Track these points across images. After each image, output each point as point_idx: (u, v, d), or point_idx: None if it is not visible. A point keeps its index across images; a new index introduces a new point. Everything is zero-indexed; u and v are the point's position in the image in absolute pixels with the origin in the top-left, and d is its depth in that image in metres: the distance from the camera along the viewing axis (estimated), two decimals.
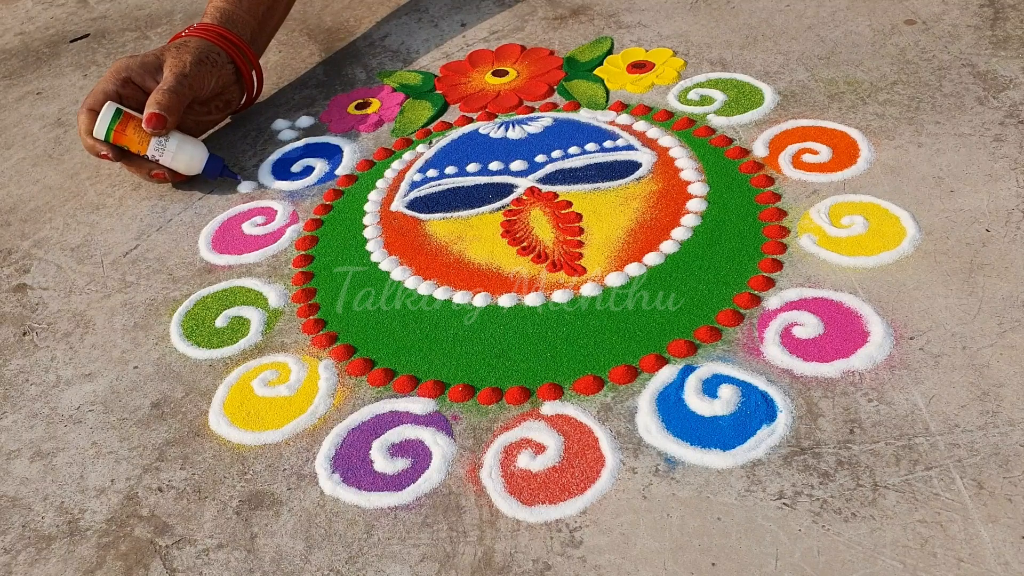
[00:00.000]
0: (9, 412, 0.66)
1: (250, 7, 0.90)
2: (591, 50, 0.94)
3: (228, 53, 0.86)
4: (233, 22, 0.88)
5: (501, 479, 0.56)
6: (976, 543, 0.48)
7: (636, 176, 0.77)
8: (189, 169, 0.82)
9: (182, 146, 0.81)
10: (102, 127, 0.80)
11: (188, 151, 0.82)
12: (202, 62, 0.83)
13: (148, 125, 0.79)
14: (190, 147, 0.82)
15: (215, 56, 0.85)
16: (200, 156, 0.82)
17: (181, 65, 0.82)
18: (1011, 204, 0.68)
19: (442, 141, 0.85)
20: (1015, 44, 0.84)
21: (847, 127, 0.78)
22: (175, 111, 0.80)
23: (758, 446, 0.55)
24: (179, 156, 0.81)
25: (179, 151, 0.81)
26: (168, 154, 0.81)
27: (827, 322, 0.61)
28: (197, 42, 0.85)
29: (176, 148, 0.81)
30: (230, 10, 0.89)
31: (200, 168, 0.83)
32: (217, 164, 0.83)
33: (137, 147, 0.81)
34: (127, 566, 0.55)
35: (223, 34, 0.87)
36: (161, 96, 0.80)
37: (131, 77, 0.82)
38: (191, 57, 0.83)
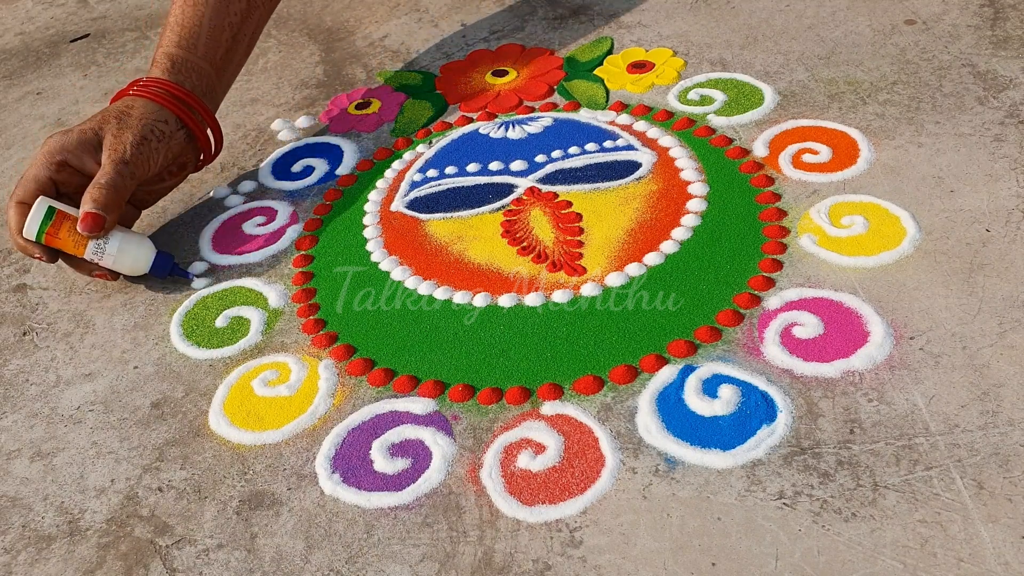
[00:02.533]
0: (9, 412, 0.66)
1: (207, 51, 0.78)
2: (591, 50, 0.94)
3: (179, 117, 0.75)
4: (186, 72, 0.77)
5: (501, 479, 0.56)
6: (976, 543, 0.48)
7: (636, 176, 0.77)
8: (134, 270, 0.73)
9: (124, 247, 0.71)
10: (32, 227, 0.70)
11: (131, 252, 0.72)
12: (145, 139, 0.72)
13: (84, 228, 0.69)
14: (133, 247, 0.72)
15: (161, 127, 0.73)
16: (145, 256, 0.73)
17: (121, 149, 0.71)
18: (1011, 204, 0.68)
19: (442, 141, 0.85)
20: (1015, 44, 0.84)
21: (847, 127, 0.78)
22: (114, 208, 0.70)
23: (758, 446, 0.55)
24: (121, 258, 0.72)
25: (121, 253, 0.71)
26: (108, 257, 0.71)
27: (827, 322, 0.61)
28: (142, 110, 0.73)
29: (117, 250, 0.71)
30: (182, 58, 0.77)
31: (147, 268, 0.73)
32: (166, 263, 0.73)
33: (73, 249, 0.71)
34: (127, 566, 0.55)
35: (173, 92, 0.75)
36: (97, 192, 0.69)
37: (67, 160, 0.72)
38: (132, 136, 0.72)
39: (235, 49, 0.81)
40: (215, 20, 0.78)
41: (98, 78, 1.06)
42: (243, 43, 0.82)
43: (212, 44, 0.78)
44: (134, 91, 0.75)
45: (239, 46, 0.82)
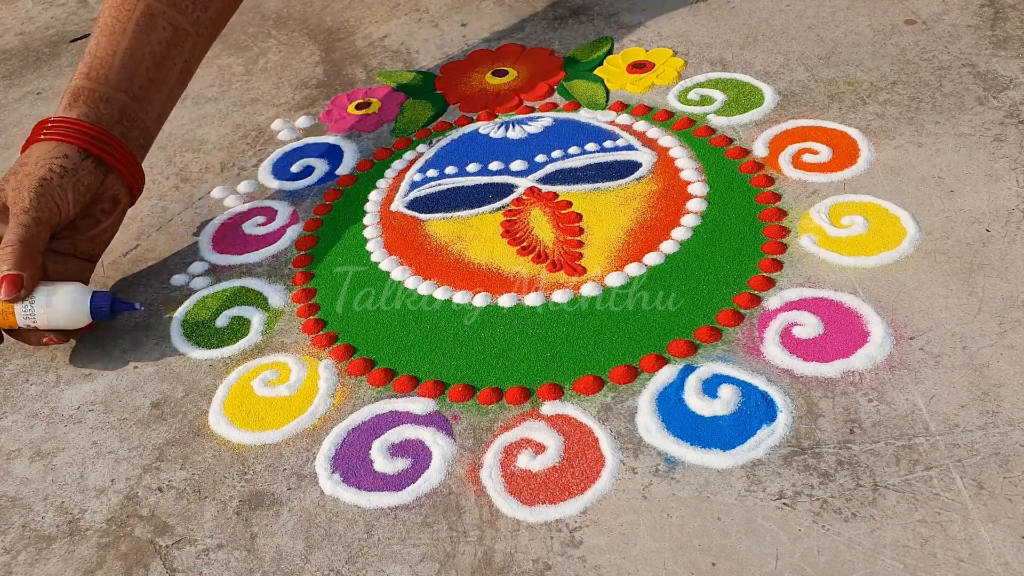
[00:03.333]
0: (9, 412, 0.66)
1: (120, 81, 0.72)
2: (591, 50, 0.94)
3: (81, 148, 0.69)
4: (92, 104, 0.71)
5: (501, 479, 0.56)
6: (976, 543, 0.48)
7: (636, 176, 0.77)
8: (73, 321, 0.66)
9: (51, 299, 0.65)
10: None
11: (61, 303, 0.65)
12: (45, 180, 0.66)
13: (3, 294, 0.63)
14: (61, 297, 0.65)
15: (60, 162, 0.68)
16: (80, 302, 0.66)
17: (19, 200, 0.66)
18: (1011, 204, 0.68)
19: (442, 141, 0.85)
20: (1015, 44, 0.84)
21: (847, 127, 0.78)
22: (28, 263, 0.64)
23: (758, 446, 0.55)
24: (53, 314, 0.65)
25: (51, 308, 0.65)
26: (41, 316, 0.65)
27: (827, 322, 0.61)
28: (37, 152, 0.68)
29: (46, 305, 0.65)
30: (89, 89, 0.71)
31: (85, 314, 0.66)
32: (104, 302, 0.67)
33: (3, 320, 0.65)
34: (127, 566, 0.55)
35: (70, 126, 0.69)
36: (6, 253, 0.64)
37: None
38: (30, 181, 0.66)
39: (161, 78, 0.75)
40: (132, 49, 0.73)
41: None
42: (172, 71, 0.76)
43: (127, 72, 0.73)
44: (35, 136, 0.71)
45: (166, 75, 0.76)
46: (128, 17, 0.74)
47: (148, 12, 0.74)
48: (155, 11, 0.75)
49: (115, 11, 0.74)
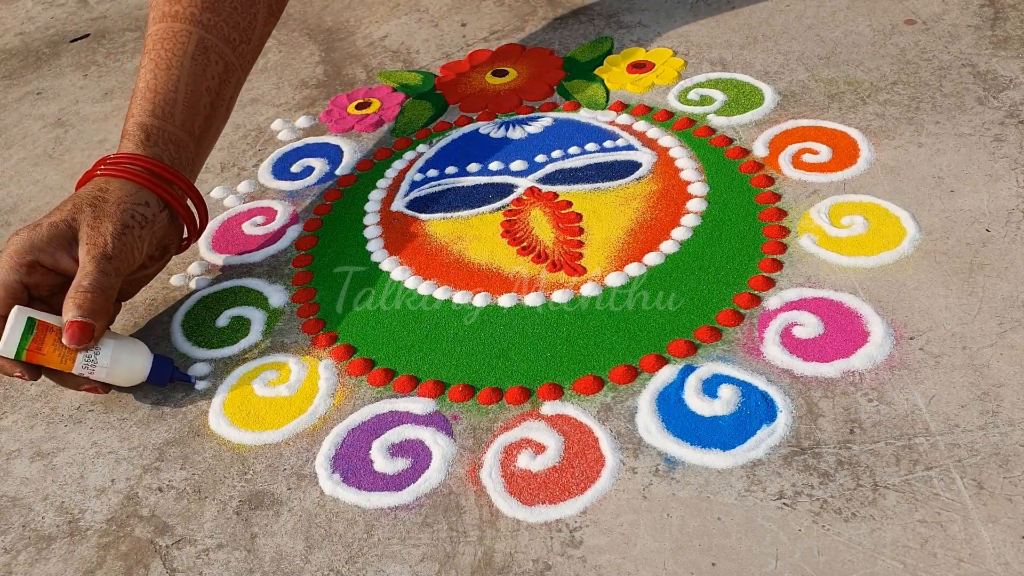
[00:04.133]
0: (9, 412, 0.66)
1: (185, 120, 0.68)
2: (591, 50, 0.94)
3: (161, 197, 0.66)
4: (164, 144, 0.67)
5: (501, 479, 0.56)
6: (976, 543, 0.48)
7: (636, 176, 0.77)
8: (129, 380, 0.64)
9: (118, 355, 0.62)
10: (11, 344, 0.60)
11: (126, 361, 0.63)
12: (127, 228, 0.63)
13: (70, 340, 0.59)
14: (127, 355, 0.63)
15: (143, 211, 0.64)
16: (142, 364, 0.63)
17: (102, 243, 0.62)
18: (1011, 204, 0.68)
19: (442, 141, 0.85)
20: (1015, 44, 0.84)
21: (847, 127, 0.78)
22: (102, 313, 0.61)
23: (758, 446, 0.55)
24: (115, 370, 0.62)
25: (115, 364, 0.62)
26: (101, 370, 0.62)
27: (827, 322, 0.61)
28: (118, 192, 0.64)
29: (111, 360, 0.62)
30: (158, 128, 0.67)
31: (144, 377, 0.64)
32: (165, 369, 0.64)
33: (60, 364, 0.61)
34: (127, 566, 0.55)
35: (151, 169, 0.65)
36: (82, 297, 0.60)
37: (39, 260, 0.62)
38: (112, 225, 0.62)
39: (214, 116, 0.71)
40: (192, 85, 0.69)
41: (98, 78, 1.06)
42: (222, 109, 0.73)
43: (190, 112, 0.68)
44: (103, 170, 0.66)
45: (218, 113, 0.72)
46: (184, 51, 0.69)
47: (202, 45, 0.70)
48: (208, 45, 0.70)
49: (168, 43, 0.69)
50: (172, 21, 0.70)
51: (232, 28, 0.72)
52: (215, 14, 0.71)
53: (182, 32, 0.69)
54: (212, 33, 0.71)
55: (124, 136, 0.67)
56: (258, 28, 0.74)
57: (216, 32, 0.71)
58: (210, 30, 0.70)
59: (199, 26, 0.70)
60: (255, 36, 0.74)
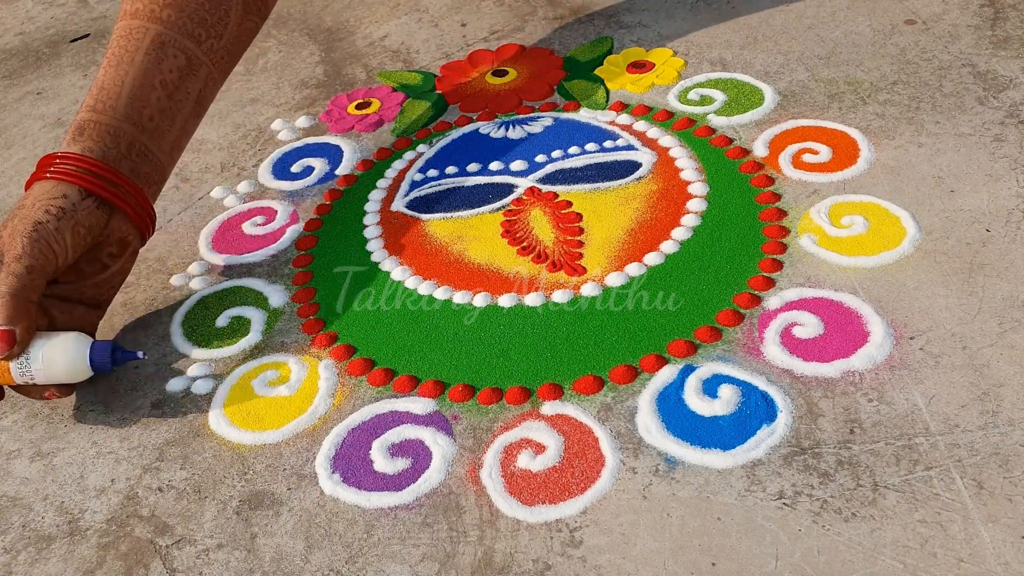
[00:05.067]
0: (9, 412, 0.66)
1: (129, 112, 0.67)
2: (591, 50, 0.94)
3: (82, 187, 0.64)
4: (97, 137, 0.66)
5: (501, 479, 0.56)
6: (976, 543, 0.48)
7: (636, 176, 0.77)
8: (74, 375, 0.61)
9: (49, 355, 0.60)
10: None
11: (59, 358, 0.60)
12: (39, 224, 0.61)
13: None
14: (59, 352, 0.61)
15: (58, 203, 0.63)
16: (78, 356, 0.61)
17: (13, 248, 0.60)
18: (1011, 204, 0.68)
19: (442, 141, 0.85)
20: (1015, 44, 0.84)
21: (847, 127, 0.78)
22: (21, 316, 0.59)
23: (758, 446, 0.55)
24: (52, 368, 0.60)
25: (49, 364, 0.60)
26: (38, 372, 0.60)
27: (827, 322, 0.61)
28: (34, 193, 0.63)
29: (43, 360, 0.60)
30: (93, 121, 0.66)
31: (87, 368, 0.62)
32: (104, 354, 0.62)
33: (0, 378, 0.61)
34: (127, 566, 0.55)
35: (68, 163, 0.64)
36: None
37: None
38: (22, 225, 0.61)
39: (173, 108, 0.70)
40: (141, 78, 0.68)
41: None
42: (186, 101, 0.71)
43: (136, 103, 0.67)
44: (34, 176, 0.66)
45: (179, 105, 0.70)
46: (136, 47, 0.69)
47: (158, 40, 0.69)
48: (165, 40, 0.70)
49: (123, 41, 0.69)
50: (131, 18, 0.70)
51: (197, 24, 0.71)
52: (177, 10, 0.70)
53: (138, 28, 0.69)
54: (172, 29, 0.70)
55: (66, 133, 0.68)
56: (231, 24, 0.73)
57: (177, 28, 0.70)
58: (169, 26, 0.70)
59: (157, 22, 0.69)
60: (227, 32, 0.73)
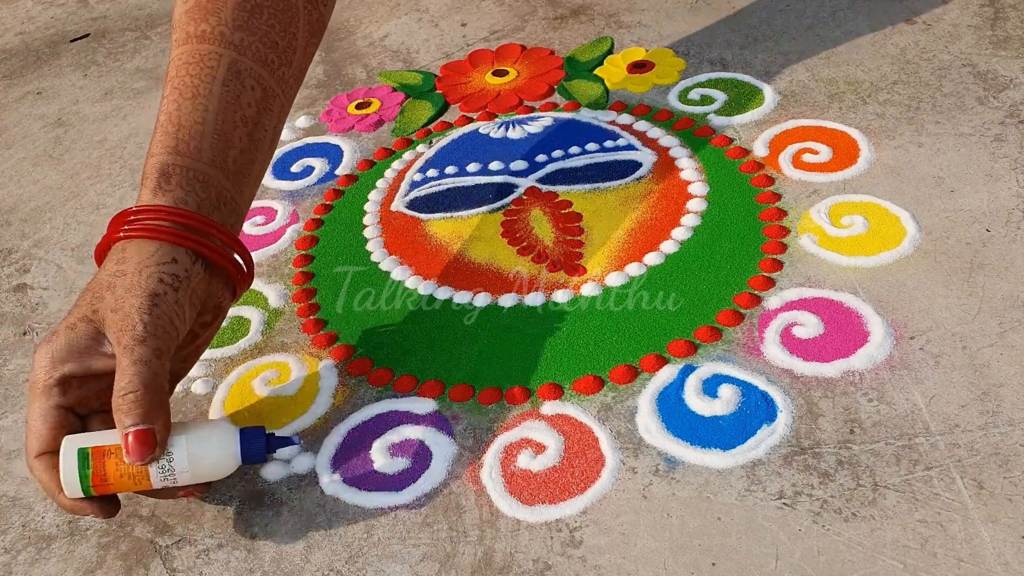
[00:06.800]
0: (9, 412, 0.66)
1: (215, 156, 0.57)
2: (591, 50, 0.94)
3: (190, 249, 0.54)
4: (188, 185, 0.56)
5: (501, 479, 0.56)
6: (976, 543, 0.48)
7: (636, 176, 0.77)
8: (221, 471, 0.54)
9: (195, 453, 0.52)
10: (72, 486, 0.51)
11: (207, 454, 0.53)
12: (156, 297, 0.52)
13: (135, 457, 0.50)
14: (206, 446, 0.53)
15: (171, 270, 0.53)
16: (227, 448, 0.53)
17: (129, 326, 0.51)
18: (1011, 204, 0.68)
19: (442, 141, 0.85)
20: (1015, 44, 0.84)
21: (847, 127, 0.78)
22: (158, 412, 0.51)
23: (758, 446, 0.55)
24: (199, 468, 0.53)
25: (194, 463, 0.52)
26: (182, 473, 0.52)
27: (827, 322, 0.61)
28: (137, 258, 0.53)
29: (187, 459, 0.52)
30: (181, 167, 0.56)
31: (237, 461, 0.54)
32: (258, 444, 0.54)
33: (135, 485, 0.52)
34: (127, 566, 0.55)
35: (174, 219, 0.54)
36: (127, 404, 0.50)
37: (67, 373, 0.52)
38: (138, 300, 0.51)
39: (255, 150, 0.60)
40: (224, 114, 0.58)
41: (98, 78, 1.06)
42: (265, 142, 0.61)
43: (222, 144, 0.57)
44: (123, 232, 0.54)
45: (260, 146, 0.60)
46: (212, 77, 0.58)
47: (234, 69, 0.59)
48: (241, 68, 0.59)
49: (194, 68, 0.58)
50: (198, 43, 0.59)
51: (269, 48, 0.61)
52: (249, 33, 0.60)
53: (210, 55, 0.59)
54: (246, 55, 0.60)
55: (143, 181, 0.56)
56: (299, 49, 0.63)
57: (251, 54, 0.60)
58: (243, 51, 0.60)
59: (230, 47, 0.59)
60: (296, 59, 0.63)
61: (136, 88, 1.02)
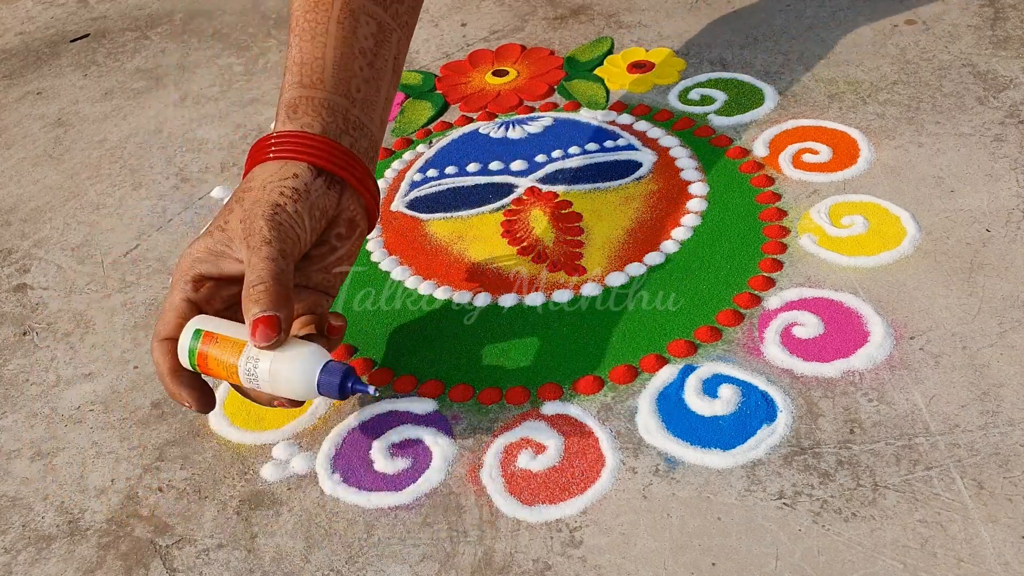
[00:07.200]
0: (9, 412, 0.66)
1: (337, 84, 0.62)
2: (591, 50, 0.94)
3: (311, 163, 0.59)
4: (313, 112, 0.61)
5: (501, 479, 0.56)
6: (976, 543, 0.48)
7: (636, 176, 0.77)
8: (296, 394, 0.55)
9: (279, 365, 0.54)
10: (184, 353, 0.56)
11: (288, 370, 0.54)
12: (278, 207, 0.57)
13: (261, 340, 0.53)
14: (287, 365, 0.54)
15: (291, 183, 0.58)
16: (309, 370, 0.54)
17: (256, 230, 0.56)
18: (1011, 204, 0.68)
19: (442, 141, 0.85)
20: (1015, 44, 0.84)
21: (847, 127, 0.78)
22: (284, 302, 0.55)
23: (758, 446, 0.55)
24: (279, 379, 0.54)
25: (275, 374, 0.54)
26: (263, 381, 0.55)
27: (827, 322, 0.61)
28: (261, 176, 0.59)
29: (270, 371, 0.54)
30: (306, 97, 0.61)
31: (313, 389, 0.55)
32: (333, 380, 0.54)
33: (226, 375, 0.56)
34: (127, 566, 0.55)
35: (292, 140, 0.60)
36: (256, 292, 0.54)
37: (202, 272, 0.57)
38: (261, 209, 0.57)
39: (379, 78, 0.65)
40: (341, 48, 0.63)
41: (98, 78, 1.06)
42: (387, 70, 0.66)
43: (343, 73, 0.62)
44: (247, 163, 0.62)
45: (383, 75, 0.65)
46: (327, 17, 0.64)
47: (348, 8, 0.64)
48: (355, 7, 0.65)
49: (310, 14, 0.64)
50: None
51: None
52: None
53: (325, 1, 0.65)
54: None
55: (275, 116, 0.63)
56: None
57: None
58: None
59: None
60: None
61: (136, 88, 1.02)
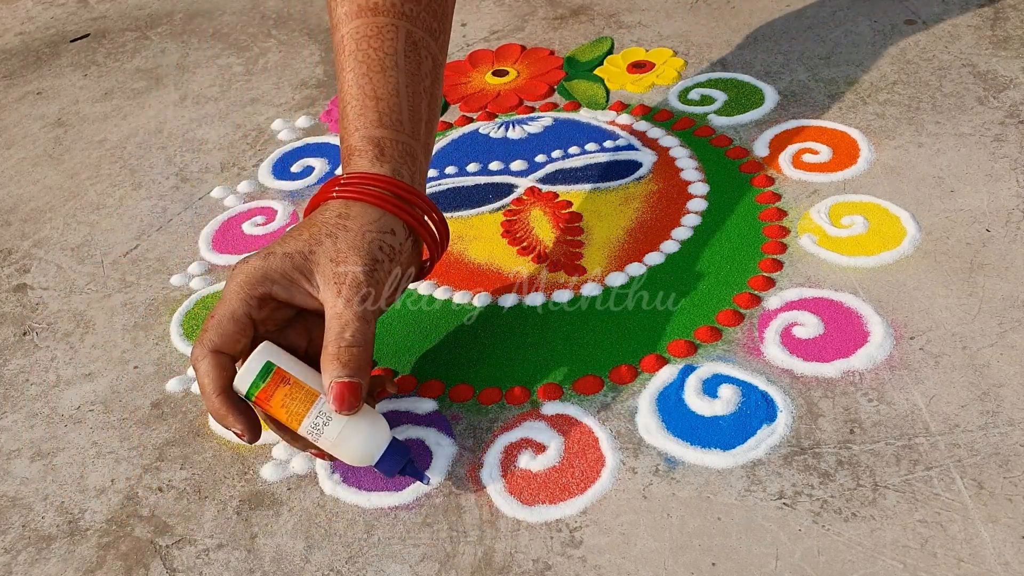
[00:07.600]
0: (9, 412, 0.66)
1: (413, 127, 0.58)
2: (591, 50, 0.94)
3: (406, 222, 0.56)
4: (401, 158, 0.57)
5: (501, 479, 0.56)
6: (976, 543, 0.48)
7: (636, 176, 0.77)
8: (354, 460, 0.54)
9: (348, 432, 0.53)
10: (245, 382, 0.53)
11: (355, 440, 0.53)
12: (377, 263, 0.54)
13: (341, 407, 0.51)
14: (360, 435, 0.53)
15: (389, 241, 0.55)
16: (375, 446, 0.54)
17: (355, 284, 0.53)
18: (1011, 204, 0.68)
19: (442, 141, 0.85)
20: (1015, 44, 0.84)
21: (847, 127, 0.78)
22: (367, 370, 0.52)
23: (758, 446, 0.55)
24: (343, 445, 0.53)
25: (342, 439, 0.53)
26: (326, 440, 0.53)
27: (827, 322, 0.61)
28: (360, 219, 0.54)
29: (338, 435, 0.53)
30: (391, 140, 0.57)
31: (373, 460, 0.54)
32: (393, 464, 0.54)
33: (286, 418, 0.53)
34: (127, 566, 0.55)
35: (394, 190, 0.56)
36: (348, 355, 0.51)
37: (271, 293, 0.54)
38: (362, 260, 0.53)
39: (432, 120, 0.61)
40: (411, 87, 0.59)
41: (98, 78, 1.06)
42: (437, 110, 0.62)
43: (415, 116, 0.58)
44: (339, 191, 0.56)
45: (435, 115, 0.61)
46: (394, 49, 0.59)
47: (411, 40, 0.59)
48: (417, 39, 0.60)
49: (376, 42, 0.59)
50: (374, 15, 0.59)
51: (432, 16, 0.61)
52: (416, 3, 0.60)
53: (388, 27, 0.59)
54: (417, 25, 0.60)
55: (352, 152, 0.57)
56: (450, 13, 0.64)
57: (420, 24, 0.60)
58: (415, 22, 0.60)
59: (404, 19, 0.59)
60: (448, 24, 0.64)
61: (136, 88, 1.02)
